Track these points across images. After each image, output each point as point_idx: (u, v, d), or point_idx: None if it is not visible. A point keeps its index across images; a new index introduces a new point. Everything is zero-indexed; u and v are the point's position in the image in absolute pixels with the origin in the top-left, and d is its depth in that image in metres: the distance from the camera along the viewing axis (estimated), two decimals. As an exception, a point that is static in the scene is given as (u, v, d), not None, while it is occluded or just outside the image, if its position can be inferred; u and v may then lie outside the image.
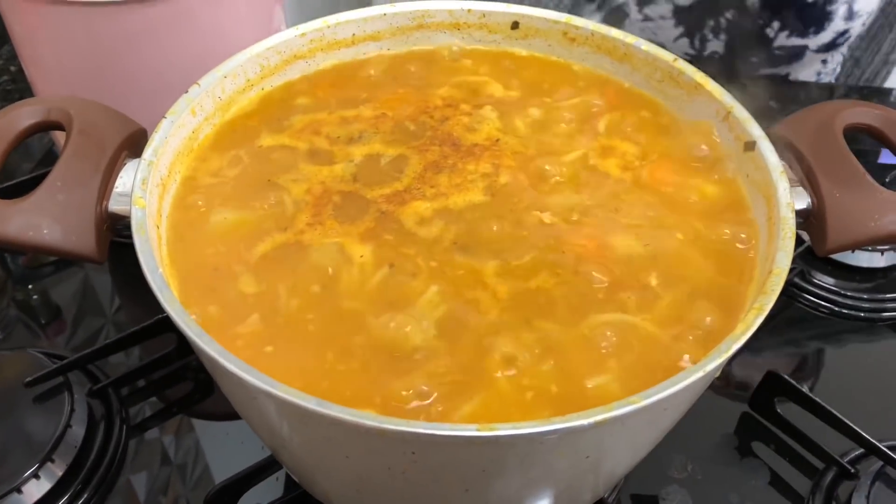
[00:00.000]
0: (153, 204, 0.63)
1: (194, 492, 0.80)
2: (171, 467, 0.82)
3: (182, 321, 0.52)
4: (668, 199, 0.69)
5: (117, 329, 0.96)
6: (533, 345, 0.56)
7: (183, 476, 0.81)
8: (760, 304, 0.53)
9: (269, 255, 0.64)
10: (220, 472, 0.81)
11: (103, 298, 1.00)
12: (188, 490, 0.80)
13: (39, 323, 0.98)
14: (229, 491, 0.74)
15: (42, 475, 0.77)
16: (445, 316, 0.58)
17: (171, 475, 0.81)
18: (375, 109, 0.77)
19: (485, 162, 0.71)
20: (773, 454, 0.83)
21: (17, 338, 0.95)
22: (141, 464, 0.82)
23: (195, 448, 0.84)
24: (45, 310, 0.99)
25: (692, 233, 0.66)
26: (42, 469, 0.77)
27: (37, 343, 0.95)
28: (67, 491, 0.78)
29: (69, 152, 0.64)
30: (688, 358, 0.55)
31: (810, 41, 1.19)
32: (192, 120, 0.71)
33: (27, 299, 1.00)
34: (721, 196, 0.69)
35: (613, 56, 0.80)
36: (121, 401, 0.87)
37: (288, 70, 0.80)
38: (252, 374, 0.49)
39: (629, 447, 0.59)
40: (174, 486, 0.81)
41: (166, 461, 0.82)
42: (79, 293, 1.00)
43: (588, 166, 0.72)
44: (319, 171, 0.70)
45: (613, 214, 0.67)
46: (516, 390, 0.54)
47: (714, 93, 0.73)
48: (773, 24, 1.17)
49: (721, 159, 0.71)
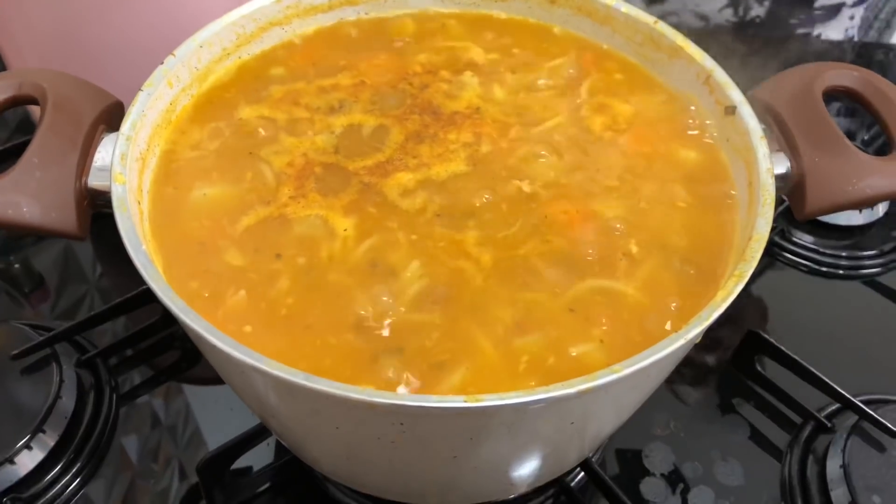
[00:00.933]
0: (133, 179, 0.63)
1: (185, 455, 0.81)
2: (161, 433, 0.83)
3: (167, 298, 0.52)
4: (648, 164, 0.69)
5: (101, 295, 0.96)
6: (517, 314, 0.57)
7: (175, 440, 0.82)
8: (741, 271, 0.54)
9: (252, 228, 0.63)
10: (212, 437, 0.82)
11: (86, 266, 0.99)
12: (180, 453, 0.81)
13: (23, 292, 0.98)
14: (220, 458, 0.75)
15: (34, 446, 0.78)
16: (429, 288, 0.59)
17: (161, 441, 0.82)
18: (354, 77, 0.76)
19: (466, 131, 0.71)
20: (754, 410, 0.85)
21: (3, 304, 0.95)
22: (132, 430, 0.83)
23: (185, 413, 0.85)
24: (28, 279, 0.99)
25: (672, 198, 0.66)
26: (34, 440, 0.78)
27: (21, 313, 0.95)
28: (60, 460, 0.79)
29: (44, 128, 0.63)
30: (669, 325, 0.56)
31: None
32: (169, 91, 0.70)
33: (8, 268, 0.99)
34: (701, 161, 0.69)
35: (594, 18, 0.80)
36: (109, 370, 0.87)
37: (265, 38, 0.79)
38: (239, 349, 0.49)
39: (613, 411, 0.60)
40: (165, 451, 0.82)
41: (157, 427, 0.83)
42: (61, 261, 1.00)
43: (568, 133, 0.72)
44: (300, 142, 0.69)
45: (594, 182, 0.67)
46: (503, 359, 0.55)
47: (694, 56, 0.73)
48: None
49: (701, 124, 0.71)
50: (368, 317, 0.57)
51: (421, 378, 0.54)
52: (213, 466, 0.73)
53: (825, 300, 0.98)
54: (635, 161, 0.69)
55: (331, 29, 0.81)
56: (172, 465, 0.80)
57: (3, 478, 0.75)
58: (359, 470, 0.63)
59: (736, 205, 0.65)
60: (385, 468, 0.59)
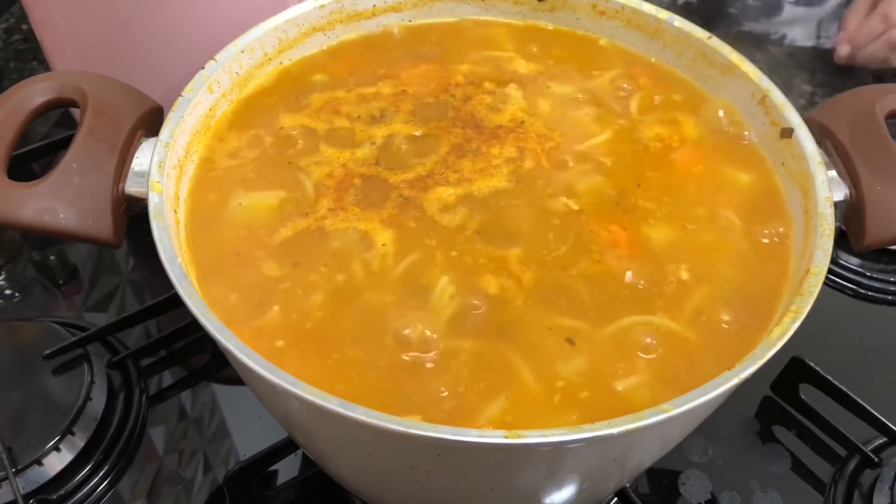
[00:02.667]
0: (170, 188, 0.62)
1: (214, 457, 0.80)
2: (190, 436, 0.82)
3: (202, 316, 0.51)
4: (699, 187, 0.67)
5: (134, 289, 0.95)
6: (560, 343, 0.55)
7: (204, 445, 0.81)
8: (798, 307, 0.52)
9: (290, 240, 0.62)
10: (241, 443, 0.81)
11: (119, 259, 0.99)
12: (209, 456, 0.80)
13: (56, 284, 0.98)
14: (248, 470, 0.74)
15: (63, 447, 0.78)
16: (467, 309, 0.57)
17: (191, 445, 0.82)
18: (395, 87, 0.74)
19: (509, 145, 0.69)
20: (796, 440, 0.82)
21: (34, 299, 0.95)
22: (161, 433, 0.82)
23: (215, 417, 0.84)
24: (62, 271, 0.99)
25: (724, 224, 0.64)
26: (63, 441, 0.78)
27: (54, 304, 0.95)
28: (89, 462, 0.79)
29: (84, 132, 0.62)
30: (718, 361, 0.53)
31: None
32: (209, 97, 0.69)
33: (44, 260, 0.99)
34: (754, 185, 0.66)
35: (644, 32, 0.77)
36: (139, 372, 0.87)
37: (307, 43, 0.77)
38: (274, 372, 0.48)
39: (657, 447, 0.58)
40: (195, 455, 0.81)
41: (186, 431, 0.83)
42: (95, 253, 1.00)
43: (616, 150, 0.69)
44: (341, 153, 0.68)
45: (642, 202, 0.65)
46: (544, 390, 0.53)
47: (750, 74, 0.71)
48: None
49: (755, 146, 0.69)
50: (405, 338, 0.56)
51: (458, 406, 0.52)
52: (240, 478, 0.73)
53: (873, 326, 0.94)
54: (685, 183, 0.67)
55: (374, 36, 0.80)
56: (199, 466, 0.80)
57: (31, 479, 0.75)
58: (389, 495, 0.62)
59: (791, 233, 0.62)
60: (417, 495, 0.58)
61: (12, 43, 1.33)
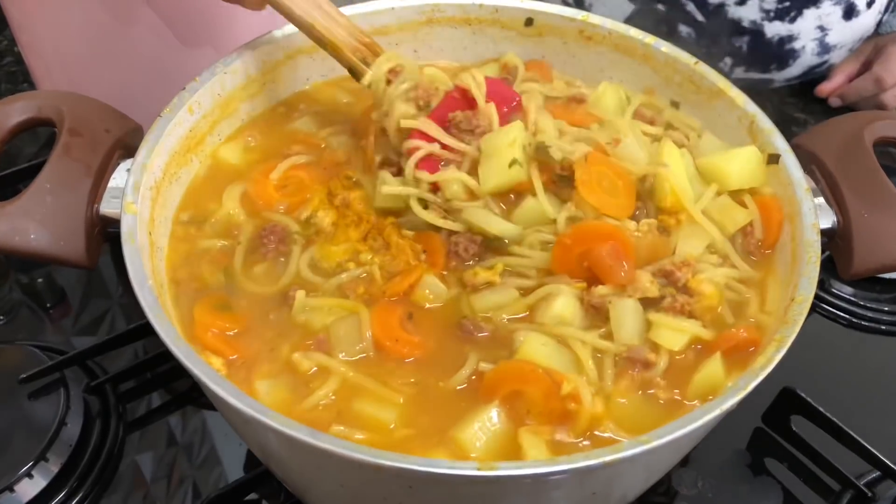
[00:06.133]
0: (146, 210, 0.60)
1: (205, 488, 0.77)
2: (170, 462, 0.79)
3: (167, 337, 0.50)
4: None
5: (123, 312, 0.93)
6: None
7: (185, 467, 0.78)
8: (782, 336, 0.50)
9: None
10: (234, 471, 0.78)
11: (109, 281, 0.97)
12: (191, 480, 0.77)
13: (44, 307, 0.96)
14: (226, 498, 0.72)
15: (36, 474, 0.75)
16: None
17: (171, 471, 0.79)
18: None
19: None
20: (788, 473, 0.80)
21: (21, 322, 0.93)
22: (138, 460, 0.79)
23: (197, 439, 0.81)
24: (50, 294, 0.97)
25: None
26: (36, 467, 0.75)
27: (41, 327, 0.92)
28: (63, 488, 0.76)
29: (59, 152, 0.61)
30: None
31: (775, 76, 1.14)
32: (189, 118, 0.68)
33: (32, 283, 0.98)
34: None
35: (633, 56, 0.77)
36: (118, 397, 0.85)
37: (290, 65, 0.77)
38: (243, 400, 0.47)
39: (640, 479, 0.57)
40: (175, 480, 0.78)
41: (164, 457, 0.80)
42: (84, 276, 0.97)
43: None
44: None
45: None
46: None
47: (736, 99, 0.70)
48: (724, 60, 1.11)
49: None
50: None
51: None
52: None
53: (866, 356, 0.92)
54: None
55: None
56: (189, 494, 0.77)
57: (2, 505, 0.73)
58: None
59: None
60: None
61: (4, 65, 1.33)
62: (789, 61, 1.09)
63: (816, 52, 1.09)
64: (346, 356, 0.57)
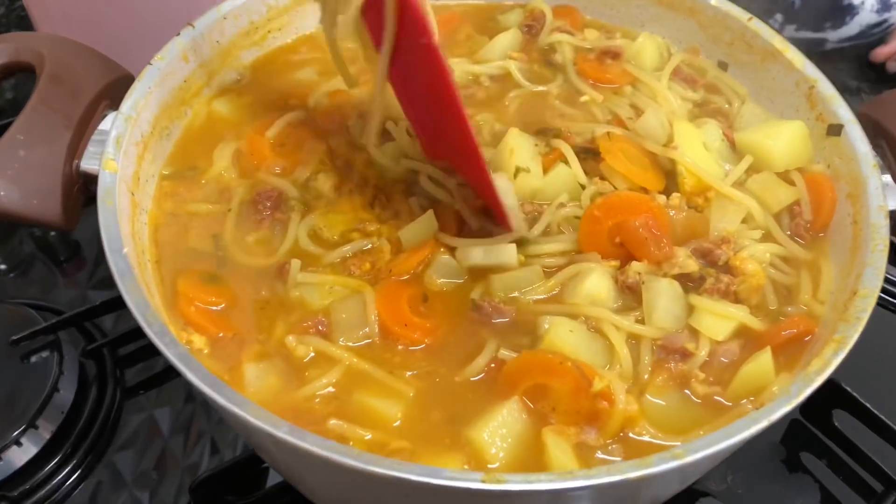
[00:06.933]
0: (129, 166, 0.55)
1: (223, 443, 0.72)
2: (165, 436, 0.75)
3: (137, 311, 0.44)
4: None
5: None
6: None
7: (179, 446, 0.74)
8: (842, 337, 0.43)
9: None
10: (221, 443, 0.74)
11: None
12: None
13: (58, 261, 0.92)
14: (213, 480, 0.67)
15: (25, 441, 0.71)
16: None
17: (165, 445, 0.75)
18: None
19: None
20: (826, 470, 0.73)
21: (32, 277, 0.88)
22: (135, 427, 0.74)
23: (193, 414, 0.77)
24: (64, 247, 0.92)
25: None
26: (25, 435, 0.71)
27: (53, 282, 0.88)
28: (55, 456, 0.72)
29: (35, 100, 0.55)
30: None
31: (829, 35, 1.06)
32: (184, 67, 0.62)
33: (44, 236, 0.93)
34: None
35: (678, 10, 0.69)
36: (115, 362, 0.80)
37: (298, 11, 0.70)
38: (222, 392, 0.41)
39: (671, 486, 0.50)
40: (170, 457, 0.74)
41: (160, 429, 0.76)
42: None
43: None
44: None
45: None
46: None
47: (794, 62, 0.62)
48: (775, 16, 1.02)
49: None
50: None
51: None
52: (206, 488, 0.66)
53: (919, 350, 0.85)
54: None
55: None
56: (174, 472, 0.73)
57: (-11, 474, 0.69)
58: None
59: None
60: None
61: (15, 9, 1.28)
62: (846, 18, 1.00)
63: (876, 9, 1.01)
64: (348, 341, 0.51)
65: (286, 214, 0.57)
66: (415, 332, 0.51)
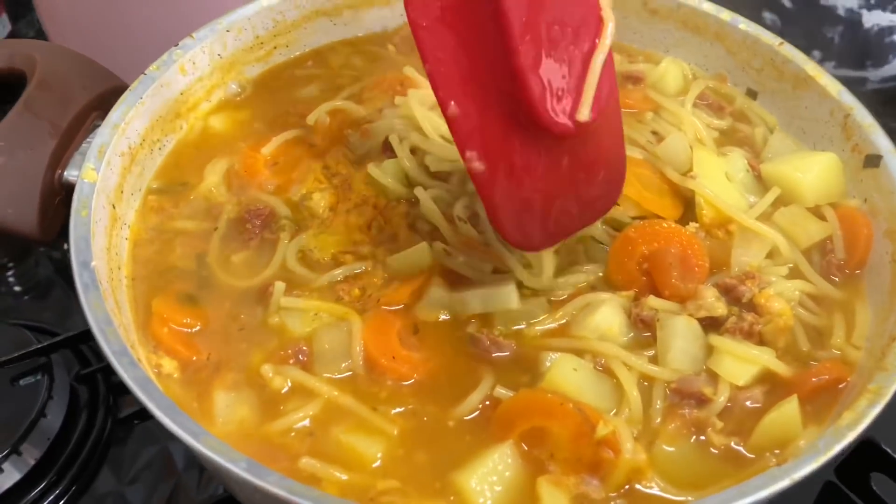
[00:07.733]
0: (112, 177, 0.52)
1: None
2: (155, 465, 0.71)
3: (97, 327, 0.41)
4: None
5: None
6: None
7: (172, 471, 0.70)
8: (878, 387, 0.38)
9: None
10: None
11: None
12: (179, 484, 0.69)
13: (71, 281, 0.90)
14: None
15: (7, 467, 0.68)
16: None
17: (156, 471, 0.71)
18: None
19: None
20: (864, 538, 0.67)
21: (52, 297, 0.86)
22: (124, 456, 0.71)
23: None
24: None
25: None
26: (8, 460, 0.68)
27: (69, 308, 0.86)
28: (39, 484, 0.69)
29: (20, 107, 0.53)
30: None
31: (869, 74, 1.01)
32: (181, 79, 0.59)
33: (63, 258, 0.91)
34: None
35: (704, 35, 0.65)
36: (109, 388, 0.77)
37: (307, 27, 0.67)
38: (176, 419, 0.37)
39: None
40: (160, 489, 0.70)
41: (152, 456, 0.72)
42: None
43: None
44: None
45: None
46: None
47: (828, 88, 0.58)
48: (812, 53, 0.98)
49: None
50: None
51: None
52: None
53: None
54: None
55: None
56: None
57: (-32, 500, 0.66)
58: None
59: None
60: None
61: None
62: (888, 57, 0.95)
63: None
64: (329, 373, 0.47)
65: (275, 234, 0.54)
66: (403, 366, 0.47)
